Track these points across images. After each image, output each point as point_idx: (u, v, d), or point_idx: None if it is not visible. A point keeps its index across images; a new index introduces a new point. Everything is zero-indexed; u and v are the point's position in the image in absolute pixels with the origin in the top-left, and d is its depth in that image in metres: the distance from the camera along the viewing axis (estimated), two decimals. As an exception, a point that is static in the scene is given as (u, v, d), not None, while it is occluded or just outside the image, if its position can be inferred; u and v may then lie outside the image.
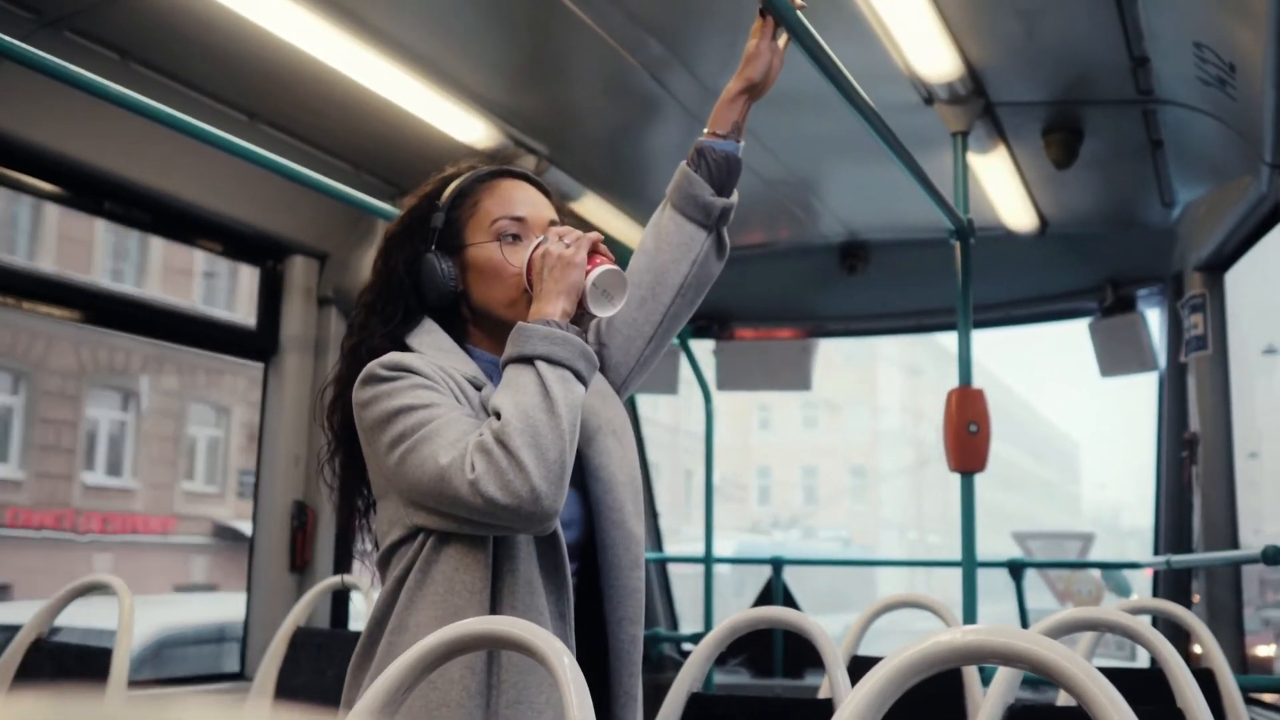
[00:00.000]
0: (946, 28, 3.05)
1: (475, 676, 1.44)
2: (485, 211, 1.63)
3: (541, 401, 1.42)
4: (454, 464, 1.39)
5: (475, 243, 1.62)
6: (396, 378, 1.48)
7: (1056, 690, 2.29)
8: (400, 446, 1.45)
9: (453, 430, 1.43)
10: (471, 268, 1.62)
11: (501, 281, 1.60)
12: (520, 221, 1.63)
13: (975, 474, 3.24)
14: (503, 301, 1.60)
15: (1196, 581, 4.21)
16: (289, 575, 3.95)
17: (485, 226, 1.62)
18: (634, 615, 1.58)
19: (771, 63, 1.73)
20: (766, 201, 4.38)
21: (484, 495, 1.37)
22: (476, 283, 1.62)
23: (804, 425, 36.12)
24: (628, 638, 1.57)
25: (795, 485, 36.44)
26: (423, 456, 1.42)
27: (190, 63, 3.16)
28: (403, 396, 1.46)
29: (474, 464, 1.38)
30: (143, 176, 3.39)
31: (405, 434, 1.44)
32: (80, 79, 1.99)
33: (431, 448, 1.42)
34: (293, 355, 4.03)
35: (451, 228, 1.63)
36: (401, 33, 3.09)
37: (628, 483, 1.61)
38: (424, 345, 1.57)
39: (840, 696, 1.73)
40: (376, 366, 1.50)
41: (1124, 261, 4.80)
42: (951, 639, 0.89)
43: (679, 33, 3.16)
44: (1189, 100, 3.31)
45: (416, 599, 1.47)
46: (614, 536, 1.56)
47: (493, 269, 1.60)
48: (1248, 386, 4.25)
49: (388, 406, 1.47)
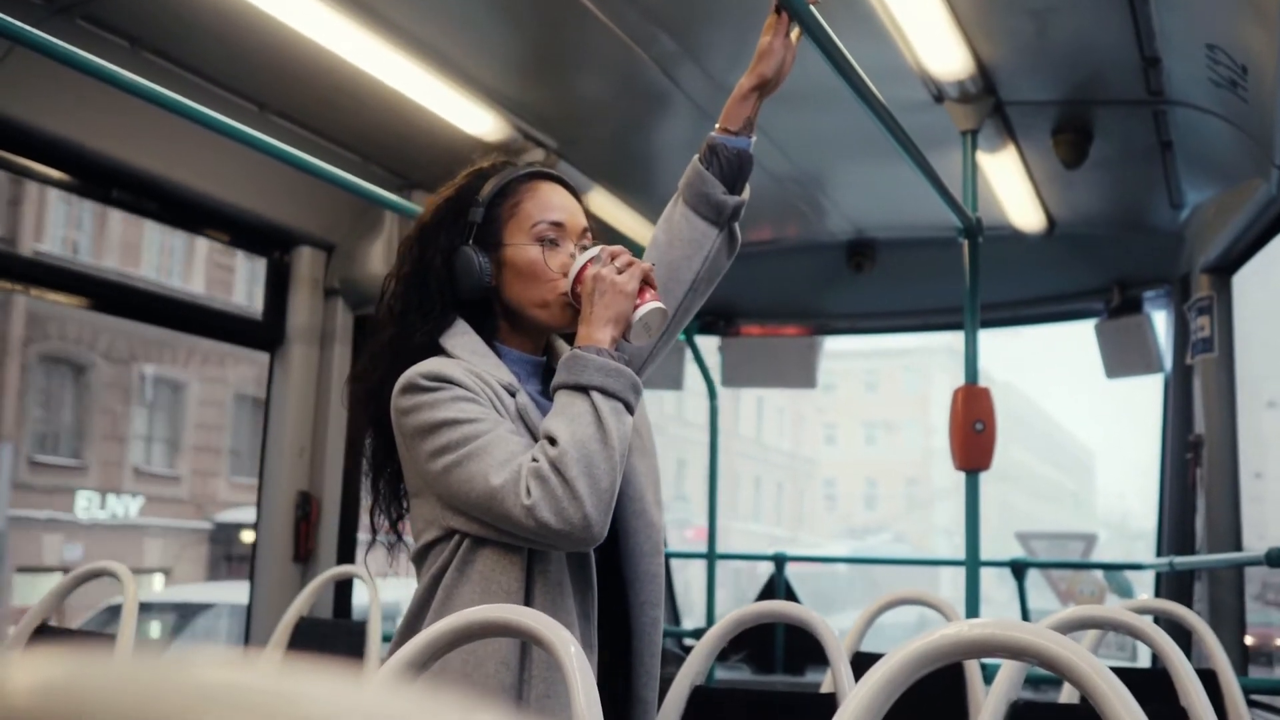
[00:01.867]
0: (958, 25, 3.04)
1: (510, 671, 1.49)
2: (526, 214, 1.66)
3: (596, 433, 1.46)
4: (507, 485, 1.44)
5: (515, 243, 1.64)
6: (438, 388, 1.51)
7: (1059, 690, 2.29)
8: (445, 458, 1.48)
9: (501, 450, 1.47)
10: (509, 266, 1.64)
11: (538, 284, 1.63)
12: (559, 227, 1.66)
13: (980, 472, 3.24)
14: (536, 303, 1.64)
15: (1199, 583, 4.21)
16: (293, 565, 3.96)
17: (525, 229, 1.65)
18: (655, 599, 1.64)
19: (785, 59, 1.74)
20: (774, 198, 4.38)
21: (538, 519, 1.42)
22: (513, 282, 1.64)
23: (865, 442, 43.01)
24: (649, 620, 1.64)
25: (858, 495, 43.39)
26: (470, 473, 1.46)
27: (201, 52, 3.17)
28: (446, 409, 1.49)
29: (529, 489, 1.43)
30: (151, 165, 3.39)
31: (450, 446, 1.48)
32: (91, 65, 2.00)
33: (481, 465, 1.46)
34: (299, 346, 4.04)
35: (490, 225, 1.65)
36: (412, 25, 3.09)
37: (647, 473, 1.66)
38: (459, 348, 1.59)
39: (844, 691, 1.73)
40: (417, 376, 1.52)
41: (1131, 262, 4.80)
42: (958, 632, 0.89)
43: (690, 28, 3.15)
44: (1200, 102, 3.30)
45: (454, 596, 1.52)
46: (635, 525, 1.61)
47: (531, 271, 1.63)
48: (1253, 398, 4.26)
49: (431, 417, 1.50)
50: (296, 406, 4.02)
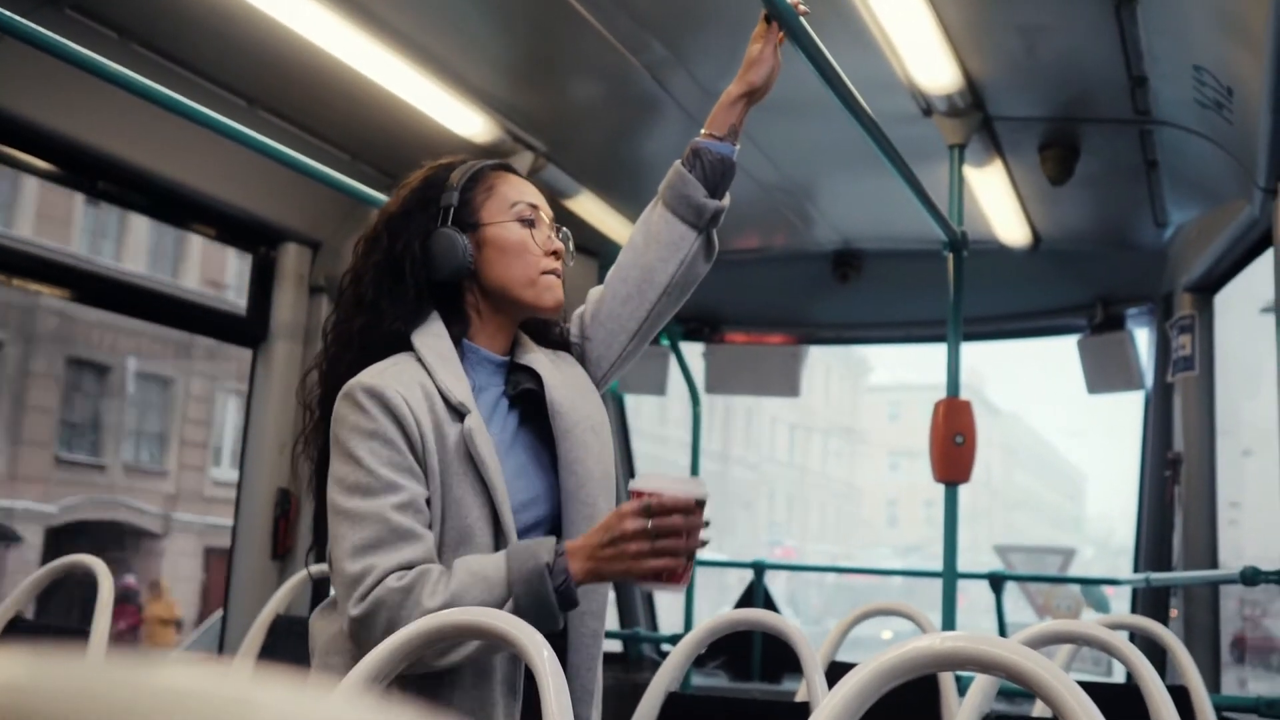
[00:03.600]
0: (948, 40, 3.06)
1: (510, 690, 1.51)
2: (503, 195, 1.66)
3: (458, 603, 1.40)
4: (353, 579, 1.43)
5: (496, 222, 1.64)
6: (367, 411, 1.49)
7: (1032, 704, 2.30)
8: (337, 493, 1.49)
9: (372, 531, 1.45)
10: (490, 245, 1.63)
11: (523, 260, 1.63)
12: (536, 209, 1.67)
13: (959, 484, 3.25)
14: (521, 281, 1.63)
15: (1175, 600, 4.23)
16: (270, 562, 3.95)
17: (505, 208, 1.65)
18: (597, 609, 1.61)
19: (773, 67, 1.75)
20: (762, 206, 4.39)
21: (352, 630, 1.43)
22: (496, 261, 1.63)
23: (889, 469, 49.08)
24: (589, 631, 1.59)
25: (881, 513, 49.91)
26: (339, 533, 1.47)
27: (190, 45, 3.16)
28: (362, 444, 1.48)
29: (367, 605, 1.42)
30: (139, 158, 3.38)
31: (345, 484, 1.48)
32: (79, 57, 1.99)
33: (348, 538, 1.45)
34: (282, 342, 4.03)
35: (466, 208, 1.64)
36: (404, 24, 3.09)
37: (602, 478, 1.63)
38: (427, 350, 1.57)
39: (818, 700, 1.73)
40: (358, 389, 1.50)
41: (1115, 280, 4.83)
42: (931, 644, 0.90)
43: (681, 35, 3.16)
44: (1185, 122, 3.32)
45: None
46: (583, 529, 1.57)
47: (515, 248, 1.63)
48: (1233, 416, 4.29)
49: (348, 443, 1.49)
50: (279, 403, 4.00)
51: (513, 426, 1.62)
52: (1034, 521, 49.06)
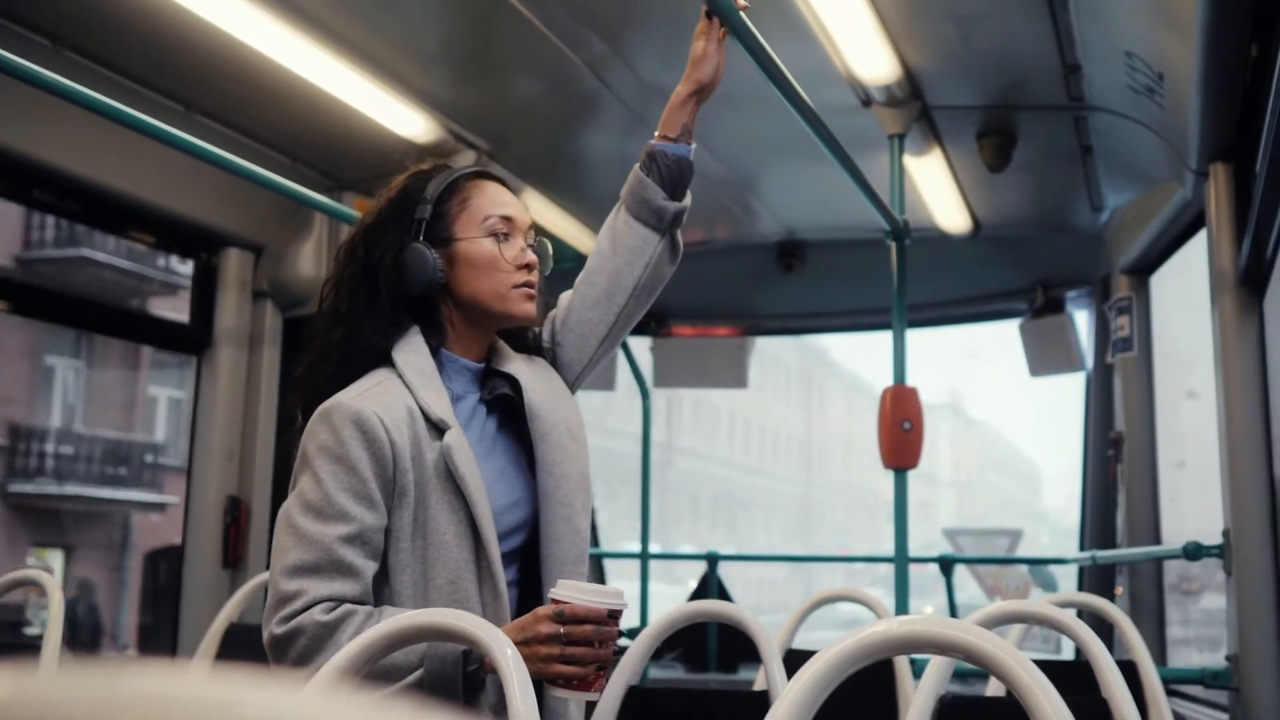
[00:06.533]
0: (885, 31, 3.09)
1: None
2: (477, 208, 1.65)
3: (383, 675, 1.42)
4: (283, 597, 1.45)
5: (468, 237, 1.63)
6: (341, 438, 1.49)
7: (985, 684, 2.34)
8: (292, 505, 1.50)
9: (312, 554, 1.46)
10: (463, 261, 1.63)
11: (494, 275, 1.62)
12: (509, 221, 1.66)
13: (908, 470, 3.29)
14: (493, 295, 1.63)
15: (1120, 576, 4.31)
16: (221, 571, 3.91)
17: (477, 222, 1.64)
18: None
19: (719, 63, 1.76)
20: (705, 200, 4.38)
21: (268, 647, 1.45)
22: (468, 276, 1.63)
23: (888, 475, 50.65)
24: None
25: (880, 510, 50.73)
26: (283, 545, 1.48)
27: (125, 51, 3.12)
28: (327, 466, 1.48)
29: (289, 626, 1.43)
30: (74, 165, 3.33)
31: (302, 499, 1.49)
32: (11, 64, 1.95)
33: (290, 553, 1.47)
34: (226, 349, 3.98)
35: (439, 222, 1.64)
36: (341, 25, 3.06)
37: (579, 480, 1.64)
38: (407, 367, 1.57)
39: (776, 688, 1.75)
40: (336, 412, 1.51)
41: (1054, 263, 4.91)
42: (888, 629, 0.91)
43: (621, 30, 3.17)
44: (1119, 108, 3.39)
45: None
46: (560, 530, 1.59)
47: (487, 263, 1.62)
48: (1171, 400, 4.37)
49: (313, 459, 1.50)
50: (225, 410, 3.96)
51: (492, 431, 1.64)
52: (994, 509, 52.00)
